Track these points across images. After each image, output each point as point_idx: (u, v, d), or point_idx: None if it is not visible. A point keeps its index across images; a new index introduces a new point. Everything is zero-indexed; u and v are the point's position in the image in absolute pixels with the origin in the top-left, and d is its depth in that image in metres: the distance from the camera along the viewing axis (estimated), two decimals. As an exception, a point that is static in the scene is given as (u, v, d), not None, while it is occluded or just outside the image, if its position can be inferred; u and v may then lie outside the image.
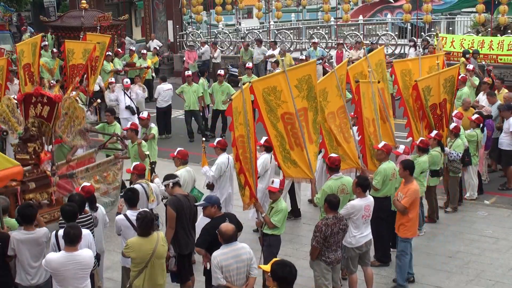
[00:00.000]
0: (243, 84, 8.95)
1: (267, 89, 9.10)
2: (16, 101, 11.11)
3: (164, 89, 17.59)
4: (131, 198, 8.33)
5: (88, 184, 9.17)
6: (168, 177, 8.69)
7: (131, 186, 9.08)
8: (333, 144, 9.76)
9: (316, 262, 8.06)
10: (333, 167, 9.05)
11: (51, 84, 16.21)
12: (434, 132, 11.13)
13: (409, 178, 8.95)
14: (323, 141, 9.74)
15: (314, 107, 9.58)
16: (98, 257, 8.32)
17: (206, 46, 24.62)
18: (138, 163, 9.79)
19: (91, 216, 8.22)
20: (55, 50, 20.62)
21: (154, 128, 12.61)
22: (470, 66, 16.23)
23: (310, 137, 9.58)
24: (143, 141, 11.56)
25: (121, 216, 8.23)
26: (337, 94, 9.81)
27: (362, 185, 8.54)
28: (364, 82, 10.24)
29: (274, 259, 6.32)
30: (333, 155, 9.25)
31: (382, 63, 11.16)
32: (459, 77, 12.90)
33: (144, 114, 12.77)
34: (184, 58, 24.08)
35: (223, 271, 6.92)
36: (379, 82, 10.68)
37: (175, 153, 9.90)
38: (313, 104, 9.57)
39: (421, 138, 10.78)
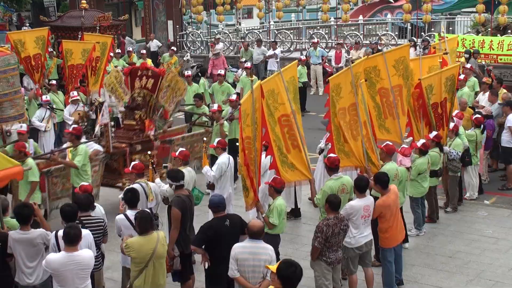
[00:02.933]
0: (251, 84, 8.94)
1: (267, 92, 9.14)
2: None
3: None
4: (132, 199, 8.33)
5: (86, 183, 9.19)
6: (172, 176, 8.65)
7: (131, 186, 9.08)
8: (340, 139, 9.75)
9: (317, 262, 8.06)
10: (333, 167, 9.04)
11: (51, 84, 16.24)
12: (434, 133, 11.14)
13: (382, 192, 8.78)
14: (331, 136, 9.75)
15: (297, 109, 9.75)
16: (103, 257, 8.35)
17: (221, 43, 24.70)
18: (137, 162, 9.82)
19: (102, 221, 8.21)
20: (50, 49, 20.52)
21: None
22: (468, 65, 16.25)
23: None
24: (225, 122, 12.86)
25: (121, 216, 8.23)
26: (351, 91, 9.79)
27: (359, 185, 8.54)
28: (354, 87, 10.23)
29: (283, 259, 6.32)
30: (332, 155, 9.25)
31: (404, 60, 11.09)
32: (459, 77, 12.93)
33: (233, 97, 13.95)
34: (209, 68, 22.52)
35: (238, 264, 6.96)
36: (366, 80, 10.62)
37: (177, 154, 9.90)
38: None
39: (422, 141, 10.77)
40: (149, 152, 10.93)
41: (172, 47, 23.87)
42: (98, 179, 11.49)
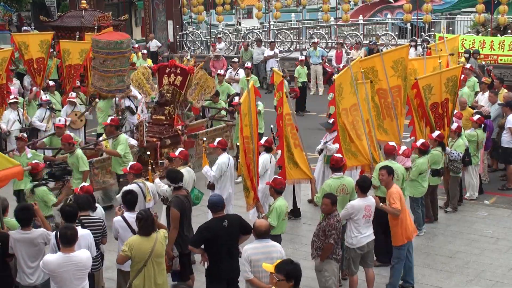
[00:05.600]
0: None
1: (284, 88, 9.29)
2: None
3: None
4: (130, 201, 8.29)
5: (86, 184, 9.18)
6: (171, 178, 8.64)
7: (128, 187, 9.05)
8: (346, 140, 9.77)
9: (327, 261, 8.02)
10: (335, 167, 9.05)
11: (48, 85, 16.22)
12: (437, 132, 11.13)
13: (391, 184, 8.84)
14: (338, 137, 9.77)
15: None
16: (102, 257, 8.34)
17: (223, 43, 24.71)
18: (135, 162, 9.79)
19: (101, 221, 8.21)
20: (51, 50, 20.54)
21: (260, 105, 13.73)
22: (468, 65, 16.25)
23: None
24: None
25: (118, 218, 8.18)
26: (351, 91, 9.81)
27: (362, 186, 8.53)
28: (358, 83, 10.24)
29: (282, 259, 6.29)
30: (337, 155, 9.26)
31: (403, 61, 11.10)
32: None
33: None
34: (211, 69, 21.70)
35: (251, 265, 6.97)
36: (371, 82, 10.66)
37: (177, 153, 9.89)
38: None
39: (422, 140, 10.77)
40: (148, 152, 10.96)
41: (143, 51, 23.78)
42: None
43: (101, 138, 12.32)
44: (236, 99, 13.73)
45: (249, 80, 8.97)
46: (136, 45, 22.72)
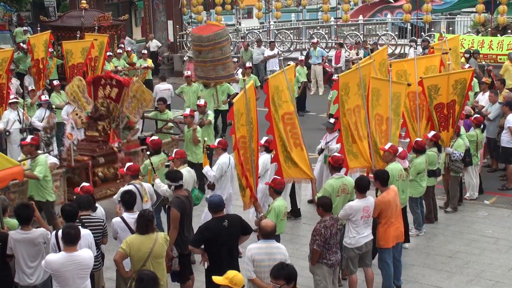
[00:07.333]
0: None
1: (273, 87, 9.21)
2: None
3: (161, 88, 17.63)
4: (128, 201, 8.29)
5: (87, 184, 9.18)
6: (171, 177, 8.64)
7: (126, 187, 9.06)
8: (348, 140, 9.76)
9: (318, 265, 7.99)
10: (336, 166, 9.04)
11: (52, 84, 16.24)
12: (432, 132, 11.15)
13: (381, 189, 8.77)
14: (340, 136, 9.77)
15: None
16: (103, 257, 8.34)
17: None
18: (132, 163, 9.81)
19: (102, 221, 8.21)
20: (50, 50, 20.56)
21: (210, 115, 13.50)
22: (466, 66, 16.25)
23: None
24: (198, 127, 12.31)
25: (117, 218, 8.20)
26: (357, 93, 9.79)
27: (359, 185, 8.51)
28: (382, 79, 10.21)
29: (274, 264, 6.30)
30: (337, 154, 9.27)
31: (385, 63, 11.11)
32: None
33: (201, 102, 13.61)
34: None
35: (254, 265, 6.98)
36: (409, 85, 10.67)
37: (173, 154, 9.87)
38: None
39: (415, 139, 10.78)
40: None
41: (143, 51, 23.65)
42: (61, 195, 10.82)
43: (19, 159, 10.82)
44: (187, 110, 12.74)
45: (246, 80, 8.91)
46: (129, 49, 22.61)
